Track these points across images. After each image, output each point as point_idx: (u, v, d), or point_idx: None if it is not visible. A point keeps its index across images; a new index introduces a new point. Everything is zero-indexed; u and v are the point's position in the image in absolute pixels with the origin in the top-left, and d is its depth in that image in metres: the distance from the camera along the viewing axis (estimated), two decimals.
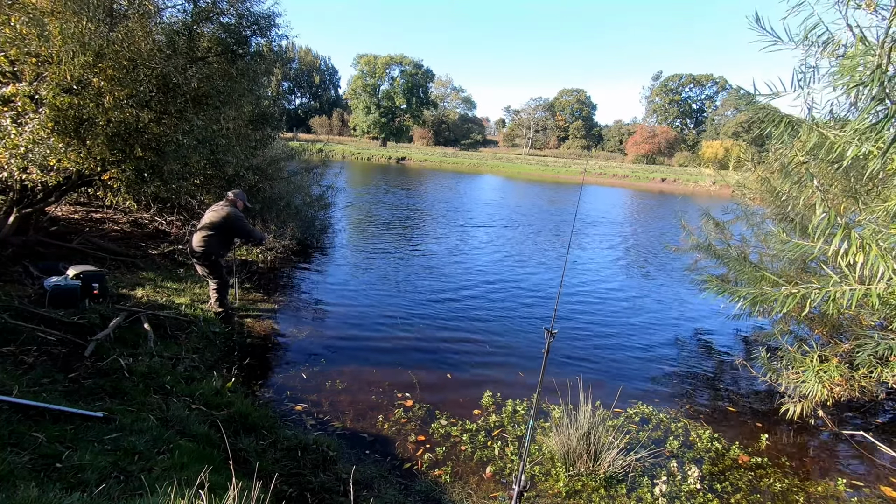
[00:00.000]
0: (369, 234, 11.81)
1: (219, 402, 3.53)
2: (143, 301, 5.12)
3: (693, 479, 3.39)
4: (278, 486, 2.72)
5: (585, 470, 3.36)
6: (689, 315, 7.49)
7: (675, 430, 4.14)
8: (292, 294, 6.83)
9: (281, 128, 8.98)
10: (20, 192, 5.48)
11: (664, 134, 64.74)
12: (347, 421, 3.86)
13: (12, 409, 2.66)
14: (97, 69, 4.43)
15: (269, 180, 8.40)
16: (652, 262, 11.33)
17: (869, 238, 1.75)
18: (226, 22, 5.77)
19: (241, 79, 6.00)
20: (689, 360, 5.75)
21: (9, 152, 4.37)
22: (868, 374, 3.65)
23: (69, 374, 3.43)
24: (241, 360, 4.62)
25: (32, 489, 1.93)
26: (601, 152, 74.04)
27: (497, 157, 61.05)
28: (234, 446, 3.05)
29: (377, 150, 56.05)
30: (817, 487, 3.55)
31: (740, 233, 5.94)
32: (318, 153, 14.22)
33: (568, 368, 5.10)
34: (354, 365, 4.82)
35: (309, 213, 9.58)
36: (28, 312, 4.06)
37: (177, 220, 8.09)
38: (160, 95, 5.23)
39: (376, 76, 66.11)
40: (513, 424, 4.00)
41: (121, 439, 2.66)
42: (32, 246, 5.80)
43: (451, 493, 3.15)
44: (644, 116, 76.45)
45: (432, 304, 6.86)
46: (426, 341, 5.57)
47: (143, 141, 5.17)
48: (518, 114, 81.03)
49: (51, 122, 4.37)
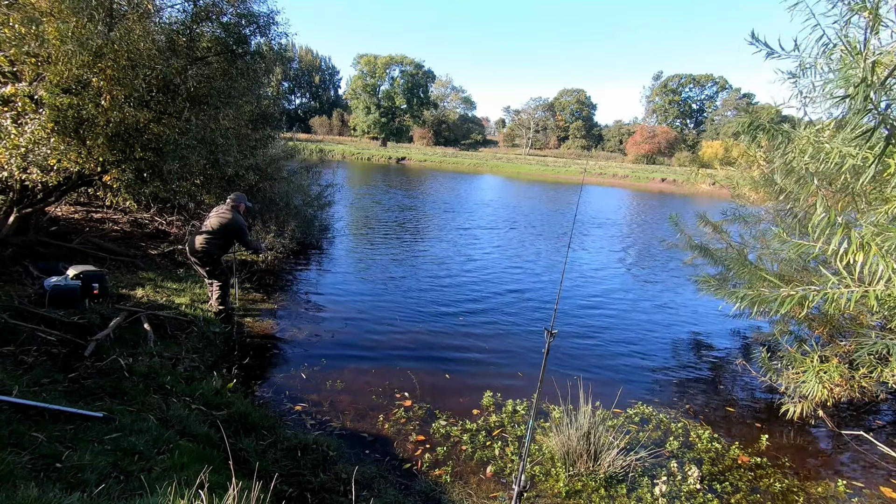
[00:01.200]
0: (369, 234, 11.81)
1: (219, 402, 3.53)
2: (143, 301, 5.12)
3: (693, 480, 3.39)
4: (278, 486, 2.72)
5: (585, 470, 3.36)
6: (689, 315, 7.49)
7: (675, 430, 4.14)
8: (292, 294, 6.83)
9: (281, 127, 8.98)
10: (20, 192, 5.48)
11: (664, 134, 64.74)
12: (347, 421, 3.86)
13: (12, 409, 2.66)
14: (96, 69, 4.43)
15: (268, 180, 8.41)
16: (651, 263, 11.33)
17: (869, 238, 1.75)
18: (225, 21, 5.77)
19: (240, 78, 6.00)
20: (688, 361, 5.75)
21: (9, 152, 4.37)
22: (868, 374, 3.65)
23: (69, 374, 3.43)
24: (241, 360, 4.62)
25: (32, 489, 1.93)
26: (601, 152, 74.06)
27: (497, 157, 61.04)
28: (234, 446, 3.05)
29: (377, 151, 56.06)
30: (817, 488, 3.55)
31: (739, 233, 5.94)
32: (318, 153, 14.23)
33: (568, 368, 5.10)
34: (354, 365, 4.82)
35: (308, 212, 9.58)
36: (28, 312, 4.06)
37: (177, 220, 8.10)
38: (160, 95, 5.24)
39: (376, 76, 66.14)
40: (513, 424, 4.00)
41: (121, 439, 2.66)
42: (32, 246, 5.80)
43: (451, 492, 3.15)
44: (644, 116, 76.56)
45: (432, 303, 6.86)
46: (426, 341, 5.56)
47: (142, 141, 5.17)
48: (518, 114, 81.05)
49: (51, 123, 4.37)
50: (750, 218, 5.74)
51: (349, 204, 16.12)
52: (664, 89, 72.56)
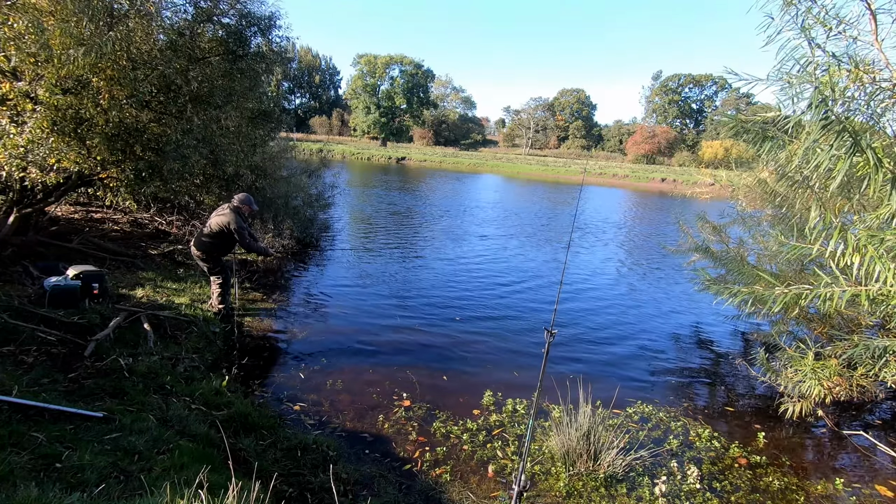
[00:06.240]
0: (369, 234, 11.82)
1: (218, 401, 3.54)
2: (143, 301, 5.12)
3: (693, 479, 3.40)
4: (278, 486, 2.72)
5: (585, 469, 3.37)
6: (689, 315, 7.50)
7: (675, 429, 4.14)
8: (292, 294, 6.84)
9: (281, 127, 8.99)
10: (20, 192, 5.48)
11: (664, 134, 64.73)
12: (347, 421, 3.87)
13: (12, 409, 2.66)
14: (97, 69, 4.43)
15: (268, 179, 8.41)
16: (651, 263, 11.33)
17: (865, 240, 1.76)
18: (227, 22, 5.78)
19: (241, 78, 6.00)
20: (688, 360, 5.75)
21: (8, 152, 4.37)
22: (866, 373, 3.66)
23: (69, 374, 3.43)
24: (241, 360, 4.62)
25: (32, 489, 1.93)
26: (601, 152, 74.05)
27: (497, 157, 61.04)
28: (234, 446, 3.05)
29: (377, 150, 56.05)
30: (816, 486, 3.56)
31: (739, 236, 5.94)
32: (318, 153, 14.25)
33: (568, 368, 5.11)
34: (354, 365, 4.82)
35: (308, 212, 9.59)
36: (28, 312, 4.07)
37: (177, 220, 8.10)
38: (160, 96, 5.24)
39: (376, 76, 66.12)
40: (513, 424, 4.00)
41: (121, 439, 2.66)
42: (32, 246, 5.80)
43: (451, 492, 3.16)
44: (644, 116, 76.53)
45: (432, 303, 6.86)
46: (426, 340, 5.57)
47: (142, 141, 5.17)
48: (518, 114, 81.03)
49: (47, 122, 4.37)
50: (749, 220, 5.75)
51: (349, 204, 16.12)
52: (664, 89, 72.54)
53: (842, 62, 1.76)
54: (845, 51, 1.89)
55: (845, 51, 1.89)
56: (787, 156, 2.13)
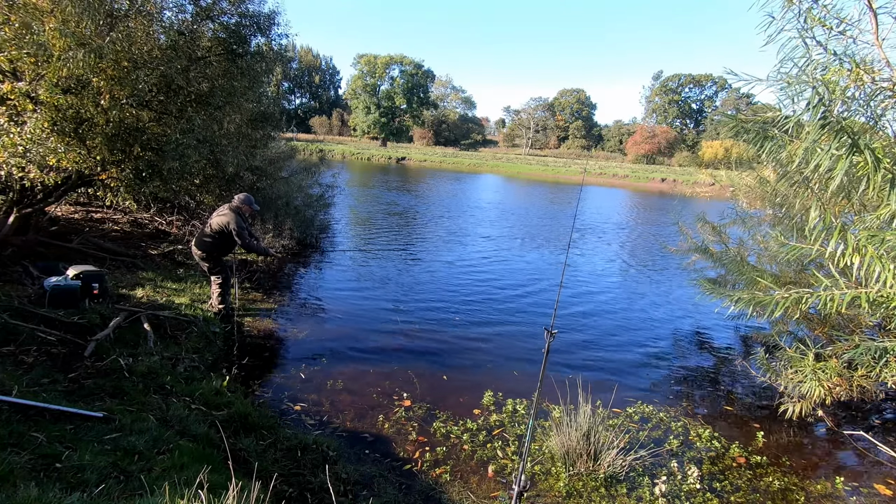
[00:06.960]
0: (369, 234, 11.82)
1: (218, 401, 3.53)
2: (143, 301, 5.12)
3: (693, 479, 3.40)
4: (278, 486, 2.72)
5: (585, 469, 3.36)
6: (689, 315, 7.50)
7: (675, 429, 4.14)
8: (292, 294, 6.84)
9: (281, 127, 9.00)
10: (20, 192, 5.48)
11: (664, 134, 64.70)
12: (347, 421, 3.87)
13: (12, 409, 2.66)
14: (97, 69, 4.43)
15: (268, 179, 8.41)
16: (651, 263, 11.33)
17: (865, 240, 1.76)
18: (226, 22, 5.78)
19: (241, 78, 6.01)
20: (688, 360, 5.75)
21: (8, 151, 4.37)
22: (867, 374, 3.66)
23: (69, 374, 3.43)
24: (241, 360, 4.62)
25: (32, 489, 1.93)
26: (601, 152, 74.04)
27: (497, 157, 61.01)
28: (234, 446, 3.05)
29: (377, 150, 56.01)
30: (816, 486, 3.56)
31: (739, 237, 5.94)
32: (318, 153, 14.25)
33: (568, 368, 5.10)
34: (354, 365, 4.82)
35: (308, 213, 9.58)
36: (28, 312, 4.07)
37: (177, 220, 8.10)
38: (161, 96, 5.23)
39: (376, 76, 66.07)
40: (513, 424, 4.00)
41: (121, 439, 2.66)
42: (32, 246, 5.80)
43: (451, 492, 3.16)
44: (644, 116, 76.49)
45: (432, 303, 6.86)
46: (426, 341, 5.57)
47: (142, 141, 5.17)
48: (518, 114, 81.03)
49: (47, 122, 4.37)
50: (749, 220, 5.75)
51: (349, 204, 16.12)
52: (664, 89, 72.51)
53: (843, 60, 1.76)
54: (845, 50, 1.89)
55: (845, 50, 1.89)
56: (788, 156, 2.13)
